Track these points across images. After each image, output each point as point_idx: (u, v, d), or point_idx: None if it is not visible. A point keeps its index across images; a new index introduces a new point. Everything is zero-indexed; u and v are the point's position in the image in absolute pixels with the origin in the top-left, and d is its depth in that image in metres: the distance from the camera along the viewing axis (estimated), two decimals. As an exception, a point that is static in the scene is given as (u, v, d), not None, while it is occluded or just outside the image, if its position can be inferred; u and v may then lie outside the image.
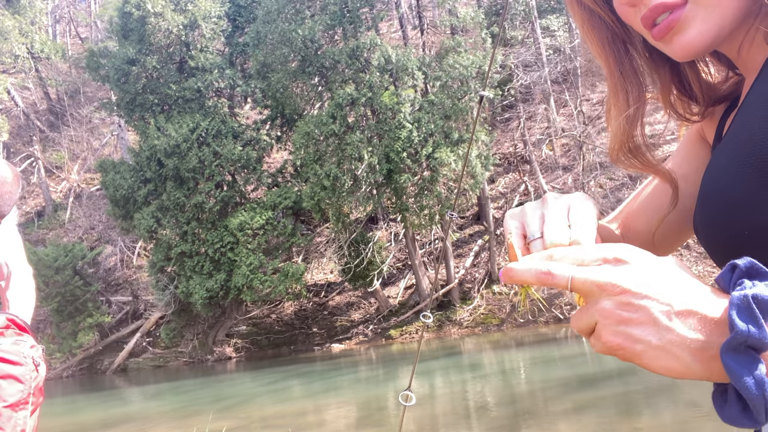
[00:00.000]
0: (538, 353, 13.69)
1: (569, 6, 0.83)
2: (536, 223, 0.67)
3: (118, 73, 20.52)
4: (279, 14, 18.42)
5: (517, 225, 0.69)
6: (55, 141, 32.79)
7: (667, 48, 0.72)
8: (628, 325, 0.52)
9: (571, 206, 0.68)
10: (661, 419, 7.04)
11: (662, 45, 0.73)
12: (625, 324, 0.52)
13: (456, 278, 19.14)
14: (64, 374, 21.73)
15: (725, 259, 0.65)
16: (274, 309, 22.20)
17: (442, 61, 17.73)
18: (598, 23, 0.81)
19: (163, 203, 19.79)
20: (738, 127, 0.69)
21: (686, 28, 0.69)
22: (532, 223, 0.68)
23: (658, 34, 0.71)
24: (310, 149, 17.73)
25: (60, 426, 11.78)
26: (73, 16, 40.31)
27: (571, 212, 0.67)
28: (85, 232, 27.82)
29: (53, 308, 21.09)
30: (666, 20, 0.69)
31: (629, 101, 0.81)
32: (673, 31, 0.70)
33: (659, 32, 0.70)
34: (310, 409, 10.97)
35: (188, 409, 12.33)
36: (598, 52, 0.82)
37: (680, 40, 0.70)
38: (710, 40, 0.69)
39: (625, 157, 0.82)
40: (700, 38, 0.69)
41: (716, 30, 0.69)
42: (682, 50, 0.71)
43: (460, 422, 8.37)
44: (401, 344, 18.10)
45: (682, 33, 0.69)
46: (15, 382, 1.74)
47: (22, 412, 1.74)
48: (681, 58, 0.72)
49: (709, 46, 0.70)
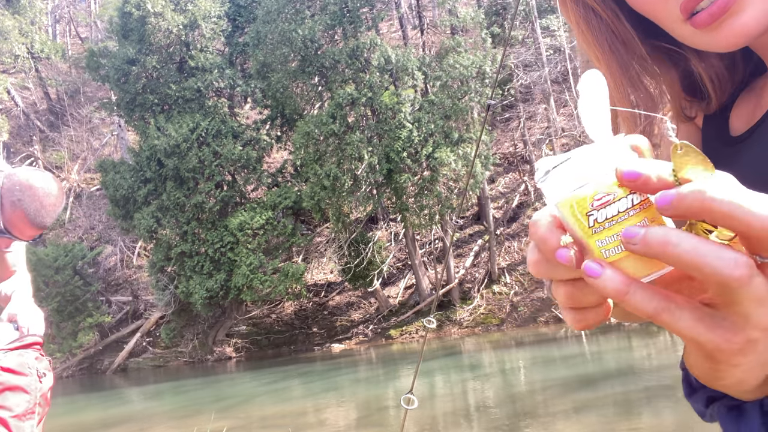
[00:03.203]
0: (538, 353, 13.69)
1: (561, 4, 0.72)
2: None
3: (118, 73, 20.53)
4: (279, 14, 18.42)
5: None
6: (55, 141, 32.80)
7: (711, 36, 0.61)
8: None
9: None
10: (661, 419, 7.04)
11: (704, 34, 0.61)
12: None
13: (456, 278, 19.13)
14: (64, 374, 21.74)
15: None
16: (274, 309, 22.20)
17: (442, 61, 17.73)
18: (596, 22, 0.71)
19: (163, 203, 19.79)
20: None
21: (745, 7, 0.58)
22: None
23: (710, 17, 0.59)
24: (310, 149, 17.73)
25: (60, 426, 11.78)
26: (73, 16, 40.32)
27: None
28: (85, 232, 27.83)
29: (53, 308, 21.08)
30: (720, 1, 0.57)
31: (642, 115, 0.70)
32: (729, 12, 0.58)
33: (711, 15, 0.59)
34: (310, 409, 10.97)
35: (188, 408, 12.33)
36: (598, 57, 0.72)
37: (734, 24, 0.59)
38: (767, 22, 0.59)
39: None
40: (760, 19, 0.58)
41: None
42: (734, 37, 0.59)
43: (460, 422, 8.36)
44: (401, 344, 18.10)
45: (738, 14, 0.58)
46: (21, 392, 1.78)
47: (29, 422, 1.78)
48: (727, 47, 0.61)
49: (765, 29, 0.59)
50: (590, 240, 0.44)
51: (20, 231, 1.84)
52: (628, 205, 0.44)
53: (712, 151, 0.73)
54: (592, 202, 0.44)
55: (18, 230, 1.84)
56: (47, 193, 1.86)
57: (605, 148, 0.46)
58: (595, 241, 0.44)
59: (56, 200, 1.90)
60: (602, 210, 0.44)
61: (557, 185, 0.46)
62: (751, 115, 0.68)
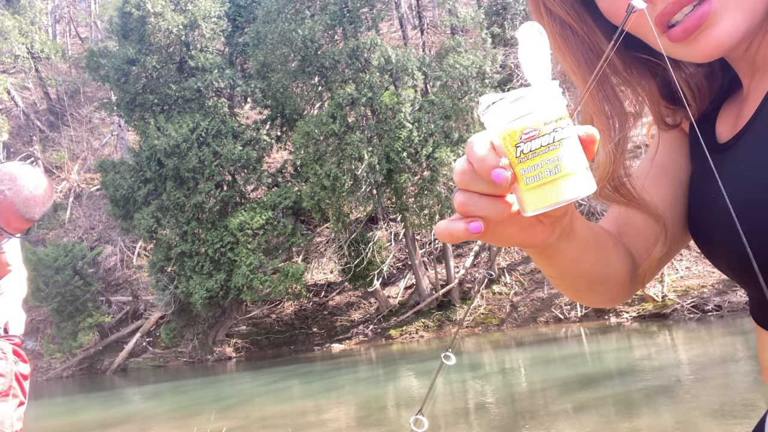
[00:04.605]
0: (537, 353, 13.69)
1: (536, 19, 0.73)
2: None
3: (118, 73, 20.52)
4: (279, 14, 18.42)
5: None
6: (55, 141, 32.79)
7: (688, 48, 0.63)
8: None
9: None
10: (661, 419, 7.04)
11: (681, 47, 0.63)
12: None
13: (456, 278, 19.13)
14: (64, 374, 21.73)
15: None
16: (274, 309, 22.20)
17: (442, 61, 17.73)
18: (572, 37, 0.72)
19: (163, 203, 19.79)
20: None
21: (718, 21, 0.60)
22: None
23: (684, 33, 0.61)
24: (310, 149, 17.73)
25: (60, 426, 11.79)
26: (73, 16, 40.32)
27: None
28: (85, 232, 27.82)
29: (53, 308, 21.08)
30: (695, 14, 0.60)
31: (615, 126, 0.71)
32: (702, 27, 0.61)
33: (685, 30, 0.61)
34: (310, 409, 10.97)
35: (188, 409, 12.33)
36: (574, 71, 0.73)
37: (709, 37, 0.61)
38: (742, 34, 0.61)
39: (612, 190, 0.73)
40: (733, 32, 0.60)
41: (749, 22, 0.61)
42: (711, 48, 0.62)
43: (459, 422, 8.36)
44: (401, 344, 18.10)
45: (712, 27, 0.61)
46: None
47: (4, 403, 1.78)
48: (704, 59, 0.64)
49: (739, 41, 0.62)
50: (516, 168, 0.53)
51: (7, 222, 1.83)
52: (549, 141, 0.51)
53: (700, 157, 0.74)
54: (521, 135, 0.52)
55: (4, 221, 1.82)
56: (36, 185, 1.86)
57: (538, 90, 0.52)
58: (520, 170, 0.52)
59: (45, 193, 1.90)
60: (528, 143, 0.52)
61: (495, 118, 0.53)
62: (735, 123, 0.70)
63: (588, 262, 0.71)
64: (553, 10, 0.71)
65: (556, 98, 0.53)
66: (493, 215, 0.55)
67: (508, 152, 0.53)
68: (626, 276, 0.78)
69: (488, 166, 0.52)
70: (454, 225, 0.56)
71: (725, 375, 8.80)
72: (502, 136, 0.53)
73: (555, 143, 0.51)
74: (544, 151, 0.51)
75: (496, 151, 0.53)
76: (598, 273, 0.74)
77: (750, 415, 6.28)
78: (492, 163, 0.52)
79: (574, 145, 0.52)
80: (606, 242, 0.75)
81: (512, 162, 0.52)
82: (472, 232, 0.55)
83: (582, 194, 0.52)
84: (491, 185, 0.53)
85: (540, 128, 0.52)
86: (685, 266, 15.97)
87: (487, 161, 0.52)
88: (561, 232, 0.63)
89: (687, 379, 9.05)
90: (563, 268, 0.70)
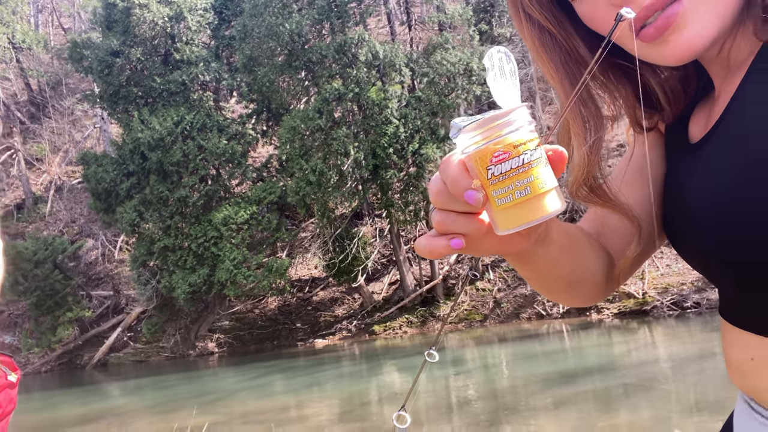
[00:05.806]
0: (520, 349, 13.80)
1: (516, 23, 0.74)
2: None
3: (102, 64, 20.22)
4: (266, 8, 18.28)
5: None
6: (36, 133, 32.26)
7: (659, 50, 0.65)
8: None
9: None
10: (639, 415, 7.15)
11: (653, 48, 0.65)
12: None
13: (440, 274, 19.20)
14: (42, 369, 21.43)
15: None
16: (258, 304, 22.10)
17: (429, 57, 17.74)
18: (550, 42, 0.73)
19: (146, 197, 19.58)
20: (740, 124, 0.62)
21: (687, 23, 0.61)
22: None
23: (657, 31, 0.62)
24: (296, 144, 17.65)
25: (37, 421, 11.63)
26: (56, 6, 39.65)
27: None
28: (66, 225, 27.43)
29: (32, 302, 20.77)
30: (663, 16, 0.61)
31: (591, 129, 0.73)
32: (671, 29, 0.62)
33: (657, 29, 0.62)
34: (293, 404, 10.96)
35: (169, 404, 12.24)
36: (552, 75, 0.75)
37: (680, 39, 0.62)
38: (713, 36, 0.62)
39: (588, 191, 0.74)
40: (704, 34, 0.62)
41: (719, 25, 0.62)
42: (682, 50, 0.63)
43: (442, 417, 8.41)
44: (385, 339, 18.13)
45: (682, 30, 0.62)
46: None
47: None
48: (676, 61, 0.65)
49: (710, 43, 0.63)
50: (488, 190, 0.54)
51: None
52: (518, 164, 0.53)
53: (674, 158, 0.77)
54: (491, 158, 0.53)
55: None
56: None
57: (508, 113, 0.54)
58: (492, 191, 0.54)
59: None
60: (498, 165, 0.53)
61: (467, 140, 0.55)
62: (706, 123, 0.72)
63: (564, 265, 0.73)
64: (532, 15, 0.72)
65: (525, 121, 0.54)
66: (471, 232, 0.57)
67: (480, 174, 0.54)
68: (602, 276, 0.81)
69: (461, 187, 0.54)
70: (434, 242, 0.57)
71: (701, 371, 8.94)
72: (474, 158, 0.54)
73: (524, 165, 0.53)
74: (514, 173, 0.53)
75: (468, 173, 0.55)
76: (575, 274, 0.76)
77: (723, 411, 6.39)
78: (464, 185, 0.54)
79: (543, 166, 0.54)
80: (582, 244, 0.77)
81: (484, 184, 0.54)
82: (454, 248, 0.57)
83: (553, 214, 0.55)
84: (466, 205, 0.55)
85: (510, 151, 0.53)
86: (665, 264, 16.20)
87: (459, 183, 0.54)
88: (537, 238, 0.65)
89: (665, 376, 9.19)
90: (540, 272, 0.72)
